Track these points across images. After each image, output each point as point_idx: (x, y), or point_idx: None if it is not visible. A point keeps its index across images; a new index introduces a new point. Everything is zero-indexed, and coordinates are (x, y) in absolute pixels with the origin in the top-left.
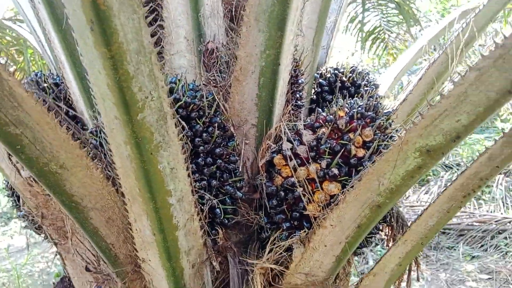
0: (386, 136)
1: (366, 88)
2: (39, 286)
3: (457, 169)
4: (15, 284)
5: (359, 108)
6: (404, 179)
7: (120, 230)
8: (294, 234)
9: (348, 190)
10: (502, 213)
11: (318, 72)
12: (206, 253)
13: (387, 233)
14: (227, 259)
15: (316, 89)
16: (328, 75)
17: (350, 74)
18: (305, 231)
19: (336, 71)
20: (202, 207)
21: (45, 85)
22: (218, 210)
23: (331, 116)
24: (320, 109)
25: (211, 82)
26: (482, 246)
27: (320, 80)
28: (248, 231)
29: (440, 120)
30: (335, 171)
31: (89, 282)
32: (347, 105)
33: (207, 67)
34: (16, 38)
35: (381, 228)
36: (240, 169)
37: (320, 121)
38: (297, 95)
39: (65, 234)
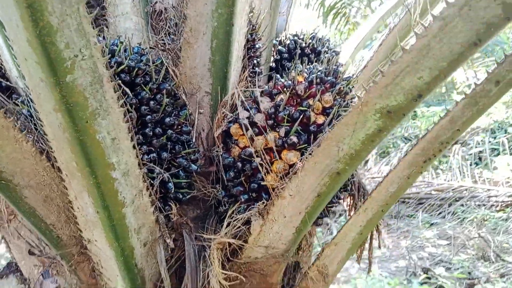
0: (346, 102)
1: (326, 55)
2: None
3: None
4: None
5: (319, 73)
6: (364, 144)
7: (60, 209)
8: (253, 207)
9: (306, 158)
10: (458, 182)
11: (277, 39)
12: (159, 231)
13: (349, 203)
14: (183, 236)
15: (275, 56)
16: (288, 42)
17: (310, 41)
18: (263, 203)
19: (295, 38)
20: (153, 182)
21: None
22: (170, 184)
23: (290, 82)
24: (278, 76)
25: (159, 46)
26: (440, 213)
27: (279, 47)
28: (205, 206)
29: (402, 78)
30: (294, 139)
31: (36, 266)
32: (306, 70)
33: (155, 30)
34: None
35: (342, 197)
36: (194, 141)
37: (279, 87)
38: (255, 61)
39: (8, 216)
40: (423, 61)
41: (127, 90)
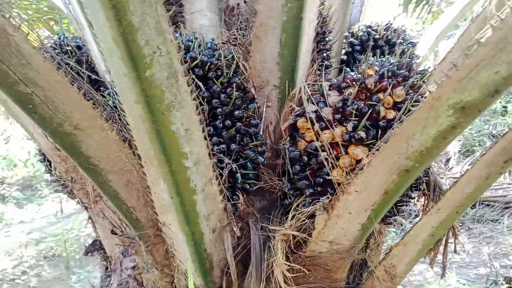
0: (420, 96)
1: (401, 47)
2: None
3: None
4: (62, 248)
5: (390, 66)
6: (436, 141)
7: (140, 193)
8: (318, 201)
9: (373, 154)
10: None
11: (350, 31)
12: (226, 218)
13: (422, 203)
14: (249, 225)
15: (347, 48)
16: (360, 34)
17: (384, 32)
18: (328, 198)
19: (369, 29)
20: (222, 172)
21: (68, 48)
22: (238, 174)
23: (359, 75)
24: (348, 69)
25: (231, 41)
26: None
27: (352, 39)
28: (271, 198)
29: (477, 72)
30: (362, 134)
31: (117, 245)
32: (377, 63)
33: (228, 25)
34: (51, 7)
35: (413, 196)
36: (262, 133)
37: (348, 81)
38: (324, 54)
39: (94, 198)
40: (500, 55)
41: (200, 83)
